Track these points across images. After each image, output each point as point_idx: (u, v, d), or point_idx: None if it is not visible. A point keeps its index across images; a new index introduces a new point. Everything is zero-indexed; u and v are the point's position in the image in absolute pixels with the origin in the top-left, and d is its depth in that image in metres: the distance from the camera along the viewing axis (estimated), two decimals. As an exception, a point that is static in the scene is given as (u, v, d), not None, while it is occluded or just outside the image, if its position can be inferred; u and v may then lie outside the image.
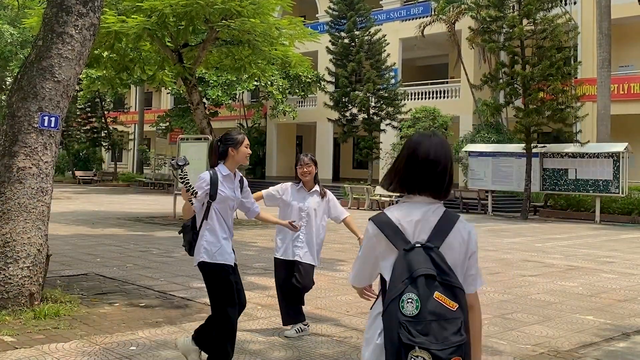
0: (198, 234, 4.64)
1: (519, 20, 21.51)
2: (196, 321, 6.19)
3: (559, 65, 21.09)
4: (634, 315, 7.07)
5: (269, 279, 8.70)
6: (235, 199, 4.73)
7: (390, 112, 28.90)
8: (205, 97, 29.65)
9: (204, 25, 15.88)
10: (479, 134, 27.23)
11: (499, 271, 10.03)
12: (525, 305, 7.45)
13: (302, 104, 36.79)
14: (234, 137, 4.62)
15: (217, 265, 4.60)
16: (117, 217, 17.94)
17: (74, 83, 6.67)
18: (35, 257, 6.29)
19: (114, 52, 16.48)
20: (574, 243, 14.58)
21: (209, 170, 4.63)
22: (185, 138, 19.68)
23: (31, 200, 6.28)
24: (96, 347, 5.22)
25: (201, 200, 4.52)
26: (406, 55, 33.86)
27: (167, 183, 36.23)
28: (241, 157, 4.63)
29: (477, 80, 25.35)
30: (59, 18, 6.46)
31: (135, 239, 13.00)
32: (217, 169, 4.61)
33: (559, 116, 21.36)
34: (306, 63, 18.25)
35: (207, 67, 19.36)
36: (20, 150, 6.27)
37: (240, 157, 4.63)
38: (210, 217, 4.60)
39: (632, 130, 26.21)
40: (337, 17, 30.35)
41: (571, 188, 21.79)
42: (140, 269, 9.30)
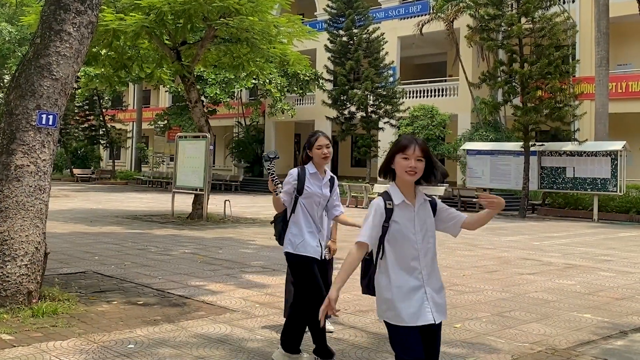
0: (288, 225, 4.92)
1: (518, 18, 21.51)
2: (194, 319, 6.20)
3: (557, 63, 21.10)
4: (631, 313, 7.08)
5: (267, 277, 8.72)
6: (322, 196, 4.92)
7: (388, 110, 28.90)
8: (203, 95, 29.65)
9: (202, 23, 15.86)
10: (477, 132, 27.25)
11: (496, 269, 10.04)
12: (523, 303, 7.45)
13: (300, 102, 36.79)
14: (309, 140, 4.94)
15: (300, 257, 4.82)
16: (115, 215, 17.93)
17: (72, 81, 6.66)
18: (33, 255, 6.29)
19: (112, 50, 16.45)
20: (571, 241, 14.60)
21: (297, 167, 4.96)
22: (184, 136, 19.67)
23: (29, 198, 6.27)
24: (94, 345, 5.22)
25: (290, 194, 4.84)
26: (404, 53, 33.87)
27: (165, 181, 36.23)
28: (317, 159, 4.88)
29: (475, 79, 25.35)
30: (57, 16, 6.45)
31: (133, 237, 13.00)
32: (306, 166, 4.92)
33: (557, 114, 21.37)
34: (304, 61, 18.22)
35: (206, 65, 19.33)
36: (18, 148, 6.26)
37: (317, 159, 4.88)
38: (297, 211, 4.86)
39: (630, 129, 26.24)
40: (336, 15, 30.34)
41: (569, 186, 21.81)
42: (138, 267, 9.30)
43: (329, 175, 4.97)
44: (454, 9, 28.08)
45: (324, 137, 4.95)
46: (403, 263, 3.35)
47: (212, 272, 8.98)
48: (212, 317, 6.31)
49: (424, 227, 3.38)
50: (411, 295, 3.32)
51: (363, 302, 7.22)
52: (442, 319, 3.38)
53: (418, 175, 3.32)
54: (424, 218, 3.40)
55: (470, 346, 5.56)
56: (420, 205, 3.39)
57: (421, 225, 3.38)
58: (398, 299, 3.32)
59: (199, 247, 11.79)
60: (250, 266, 9.66)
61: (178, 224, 16.13)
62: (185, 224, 16.04)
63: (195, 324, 6.01)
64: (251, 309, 6.73)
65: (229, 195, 25.77)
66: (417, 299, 3.32)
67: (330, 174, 5.02)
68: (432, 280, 3.38)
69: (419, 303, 3.32)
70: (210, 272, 8.97)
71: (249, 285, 8.08)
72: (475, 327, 6.22)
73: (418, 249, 3.35)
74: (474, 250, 12.42)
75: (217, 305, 6.88)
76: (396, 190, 3.38)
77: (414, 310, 3.31)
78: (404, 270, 3.35)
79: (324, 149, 4.89)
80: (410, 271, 3.35)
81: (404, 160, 3.31)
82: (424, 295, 3.33)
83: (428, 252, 3.38)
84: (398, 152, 3.34)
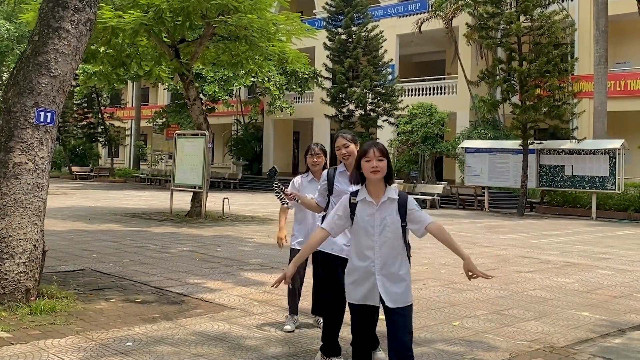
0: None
1: (516, 16, 21.50)
2: (193, 317, 6.20)
3: (555, 61, 21.10)
4: (629, 311, 7.09)
5: (266, 275, 8.72)
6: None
7: (387, 109, 28.89)
8: (202, 93, 29.60)
9: (201, 20, 15.84)
10: (475, 130, 27.26)
11: (495, 267, 10.05)
12: (521, 301, 7.46)
13: (299, 100, 36.77)
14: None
15: (327, 255, 4.98)
16: (113, 213, 17.93)
17: (70, 78, 6.65)
18: (31, 252, 6.29)
19: (110, 47, 16.43)
20: (570, 239, 14.61)
21: (328, 169, 5.20)
22: (182, 134, 19.66)
23: (27, 195, 6.26)
24: (92, 343, 5.22)
25: (323, 195, 5.06)
26: (403, 51, 33.85)
27: (163, 179, 36.21)
28: (340, 158, 5.03)
29: (474, 77, 25.35)
30: (55, 13, 6.44)
31: (131, 235, 13.00)
32: (337, 166, 5.09)
33: (555, 113, 21.38)
34: (303, 59, 18.21)
35: (204, 62, 19.31)
36: (16, 145, 6.26)
37: (340, 158, 5.04)
38: (328, 210, 4.95)
39: (628, 127, 26.25)
40: (335, 13, 30.31)
41: (567, 184, 21.83)
42: (136, 264, 9.30)
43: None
44: (452, 7, 28.08)
45: (341, 137, 5.06)
46: (359, 251, 3.92)
47: (210, 270, 8.98)
48: (211, 315, 6.31)
49: (383, 223, 3.85)
50: (362, 280, 3.89)
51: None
52: (393, 305, 3.83)
53: (381, 173, 3.83)
54: (384, 215, 3.86)
55: (468, 344, 5.56)
56: (383, 203, 3.86)
57: (381, 221, 3.85)
58: (351, 281, 3.96)
59: (197, 244, 11.79)
60: (249, 264, 9.66)
61: (176, 221, 16.12)
62: (184, 222, 16.04)
63: (193, 322, 6.01)
64: (249, 307, 6.73)
65: (228, 193, 25.75)
66: (368, 284, 3.88)
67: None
68: (386, 269, 3.86)
69: (368, 287, 3.88)
70: (209, 270, 8.97)
71: (248, 283, 8.08)
72: (473, 325, 6.23)
73: (374, 240, 3.86)
74: (473, 248, 12.42)
75: (215, 302, 6.89)
76: (364, 190, 3.91)
77: (362, 292, 3.90)
78: (359, 257, 3.91)
79: (342, 149, 5.04)
80: (364, 259, 3.89)
81: (367, 162, 3.83)
82: (374, 281, 3.85)
83: (384, 245, 3.85)
84: (362, 157, 3.87)
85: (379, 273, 3.86)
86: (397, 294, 3.85)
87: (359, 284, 3.91)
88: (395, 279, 3.88)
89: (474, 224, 18.09)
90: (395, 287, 3.86)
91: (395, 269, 3.88)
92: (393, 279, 3.87)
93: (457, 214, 21.74)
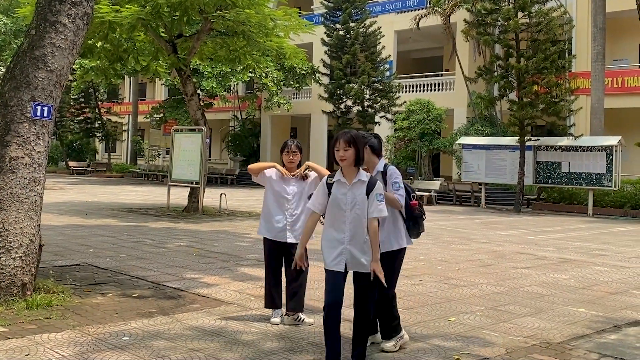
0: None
1: (514, 13, 21.51)
2: (189, 312, 6.20)
3: (553, 58, 21.12)
4: (625, 307, 7.11)
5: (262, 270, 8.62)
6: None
7: (384, 105, 28.88)
8: (199, 89, 29.55)
9: (199, 15, 15.80)
10: (473, 126, 27.26)
11: (491, 263, 10.06)
12: (517, 297, 7.48)
13: (296, 96, 36.73)
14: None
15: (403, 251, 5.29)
16: (110, 208, 17.91)
17: (67, 73, 6.64)
18: (28, 247, 6.28)
19: (107, 42, 16.38)
20: (566, 236, 14.64)
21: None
22: (180, 129, 19.64)
23: (24, 190, 6.25)
24: (89, 338, 5.22)
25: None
26: (401, 47, 33.82)
27: (160, 174, 36.18)
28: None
29: (471, 73, 25.35)
30: (52, 7, 6.42)
31: (128, 230, 12.99)
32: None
33: (552, 109, 21.41)
34: (301, 55, 18.18)
35: (202, 58, 19.27)
36: (12, 140, 6.24)
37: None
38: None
39: (625, 124, 26.29)
40: (333, 8, 30.25)
41: (564, 181, 21.86)
42: (133, 259, 9.30)
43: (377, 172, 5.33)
44: (450, 3, 28.05)
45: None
46: (333, 224, 4.59)
47: (207, 265, 8.98)
48: (207, 310, 6.31)
49: (354, 201, 4.52)
50: (334, 249, 4.55)
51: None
52: (359, 270, 4.54)
53: (348, 160, 4.51)
54: (355, 194, 4.53)
55: (464, 340, 5.58)
56: (354, 184, 4.55)
57: (352, 199, 4.53)
58: (325, 249, 4.61)
59: (194, 240, 11.79)
60: (246, 259, 9.67)
61: (173, 217, 16.12)
62: (181, 217, 16.03)
63: (190, 317, 6.02)
64: (246, 302, 6.73)
65: (225, 188, 25.74)
66: (338, 252, 4.53)
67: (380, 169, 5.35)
68: (354, 241, 4.52)
69: (337, 255, 4.53)
70: (206, 265, 8.98)
71: (244, 278, 8.09)
72: (469, 321, 6.24)
73: (346, 216, 4.53)
74: (469, 244, 12.44)
75: (212, 298, 6.89)
76: (339, 173, 4.62)
77: (333, 259, 4.54)
78: (334, 229, 4.58)
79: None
80: (338, 231, 4.55)
81: (336, 152, 4.55)
82: (343, 250, 4.52)
83: (354, 220, 4.52)
84: (333, 147, 4.58)
85: (348, 243, 4.52)
86: (361, 263, 4.52)
87: (332, 252, 4.56)
88: (361, 249, 4.52)
89: (471, 220, 18.11)
90: (360, 255, 4.51)
91: (362, 241, 4.51)
92: (360, 250, 4.51)
93: (454, 210, 21.77)
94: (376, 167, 5.28)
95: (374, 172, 5.18)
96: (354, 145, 4.51)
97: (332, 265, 4.55)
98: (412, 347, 5.29)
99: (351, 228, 4.51)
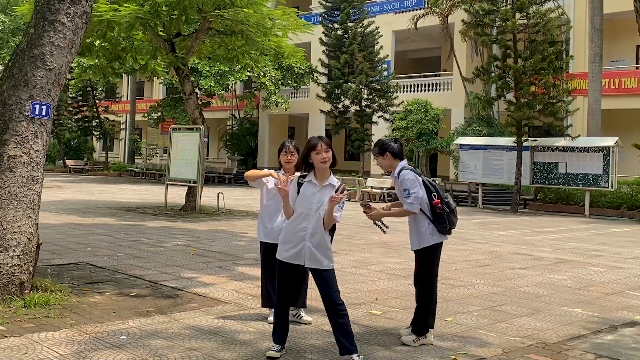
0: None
1: (512, 13, 21.54)
2: (187, 311, 6.21)
3: (550, 59, 21.15)
4: (621, 308, 7.13)
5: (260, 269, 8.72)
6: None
7: (382, 104, 28.92)
8: (197, 87, 29.56)
9: (197, 14, 15.80)
10: (470, 127, 27.29)
11: (488, 264, 10.08)
12: (514, 297, 7.50)
13: (294, 95, 36.75)
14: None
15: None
16: (108, 207, 17.90)
17: (65, 71, 6.64)
18: (26, 245, 6.28)
19: (106, 40, 16.37)
20: (563, 236, 14.67)
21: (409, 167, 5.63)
22: (177, 128, 19.63)
23: (22, 188, 6.26)
24: (86, 336, 5.23)
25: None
26: (399, 47, 33.84)
27: (158, 173, 36.15)
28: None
29: (469, 74, 25.38)
30: (51, 5, 6.42)
31: (126, 229, 12.99)
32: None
33: (550, 110, 21.44)
34: (299, 54, 18.19)
35: (200, 57, 19.28)
36: (10, 138, 6.25)
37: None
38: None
39: (622, 125, 26.34)
40: (331, 8, 30.29)
41: (561, 182, 21.90)
42: (130, 258, 9.30)
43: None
44: (448, 4, 28.09)
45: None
46: (296, 219, 4.81)
47: (204, 265, 8.99)
48: (205, 309, 6.32)
49: (320, 201, 4.73)
50: (295, 244, 4.77)
51: (354, 294, 7.26)
52: (314, 266, 4.76)
53: (329, 161, 4.73)
54: (323, 196, 4.73)
55: (461, 340, 5.59)
56: (324, 186, 4.76)
57: (319, 199, 4.74)
58: (283, 243, 4.85)
59: (192, 239, 11.79)
60: (243, 259, 9.68)
61: (171, 216, 16.12)
62: (179, 216, 16.03)
63: (187, 316, 6.03)
64: (243, 301, 6.75)
65: (223, 187, 25.76)
66: (298, 247, 4.76)
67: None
68: (314, 238, 4.74)
69: (297, 250, 4.76)
70: (203, 265, 8.99)
71: (242, 278, 8.10)
72: (466, 321, 6.26)
73: (311, 215, 4.75)
74: (466, 244, 12.47)
75: (209, 297, 6.90)
76: (312, 174, 4.81)
77: (292, 253, 4.78)
78: (297, 224, 4.79)
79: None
80: (300, 228, 4.77)
81: (316, 155, 4.70)
82: (303, 245, 4.74)
83: (318, 220, 4.73)
84: (311, 150, 4.72)
85: (308, 240, 4.75)
86: (317, 258, 4.75)
87: (292, 246, 4.79)
88: (320, 246, 4.76)
89: (468, 220, 18.14)
90: (317, 251, 4.75)
91: (321, 238, 4.77)
92: (316, 245, 4.75)
93: (451, 211, 21.76)
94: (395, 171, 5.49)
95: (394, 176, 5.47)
96: (331, 148, 4.77)
97: (291, 259, 4.79)
98: (409, 347, 5.31)
99: (313, 225, 4.75)
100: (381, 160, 5.50)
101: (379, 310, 6.62)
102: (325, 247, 4.79)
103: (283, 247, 4.85)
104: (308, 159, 4.77)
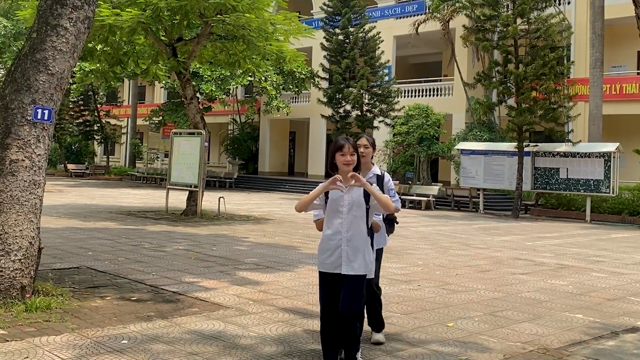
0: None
1: (513, 19, 21.56)
2: (188, 315, 6.21)
3: (552, 64, 21.16)
4: (623, 314, 7.13)
5: (261, 274, 8.74)
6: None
7: (383, 109, 28.92)
8: (198, 92, 29.59)
9: (199, 19, 15.84)
10: (471, 132, 27.31)
11: (489, 269, 10.08)
12: (515, 303, 7.49)
13: (295, 100, 36.79)
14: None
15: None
16: (109, 211, 17.91)
17: (67, 76, 6.65)
18: (27, 250, 6.29)
19: (107, 45, 16.41)
20: (564, 242, 14.66)
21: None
22: (179, 132, 19.65)
23: (23, 192, 6.26)
24: (87, 341, 5.23)
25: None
26: (400, 52, 33.90)
27: (159, 177, 36.17)
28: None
29: (470, 79, 25.41)
30: (54, 10, 6.44)
31: (127, 233, 12.99)
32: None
33: (551, 115, 21.45)
34: (300, 59, 18.22)
35: (201, 61, 19.30)
36: (13, 142, 6.26)
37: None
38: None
39: (623, 131, 26.35)
40: (332, 13, 30.32)
41: (562, 187, 21.90)
42: (132, 262, 9.30)
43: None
44: (449, 9, 28.13)
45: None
46: (331, 226, 4.62)
47: (205, 269, 8.99)
48: (206, 314, 6.32)
49: (351, 203, 4.57)
50: (332, 251, 4.58)
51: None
52: (351, 272, 4.52)
53: (353, 164, 4.58)
54: (353, 197, 4.57)
55: (462, 345, 5.59)
56: (352, 186, 4.56)
57: (349, 202, 4.57)
58: (321, 252, 4.66)
59: (192, 243, 11.79)
60: (244, 263, 9.68)
61: (172, 220, 16.12)
62: (180, 221, 16.03)
63: (188, 320, 6.02)
64: (245, 306, 6.74)
65: (224, 192, 25.76)
66: (336, 254, 4.56)
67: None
68: (351, 243, 4.55)
69: (336, 256, 4.56)
70: (204, 269, 8.98)
71: (243, 282, 8.10)
72: (467, 326, 6.26)
73: (343, 217, 4.58)
74: (467, 249, 12.46)
75: (210, 301, 6.90)
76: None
77: (331, 261, 4.58)
78: (331, 231, 4.61)
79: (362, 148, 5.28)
80: (335, 234, 4.58)
81: (341, 156, 4.58)
82: (341, 251, 4.55)
83: (353, 221, 4.57)
84: (337, 151, 4.60)
85: (345, 245, 4.56)
86: (353, 263, 4.55)
87: (330, 254, 4.59)
88: (357, 251, 4.56)
89: (469, 225, 18.13)
90: (354, 257, 4.55)
91: (358, 241, 4.57)
92: (354, 250, 4.55)
93: (452, 216, 21.79)
94: (372, 170, 5.40)
95: (369, 175, 5.30)
96: (357, 151, 4.65)
97: (329, 267, 4.59)
98: (410, 352, 5.31)
99: (348, 229, 4.57)
100: (369, 152, 5.42)
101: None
102: (362, 251, 4.58)
103: (321, 257, 4.66)
104: (333, 159, 4.65)
